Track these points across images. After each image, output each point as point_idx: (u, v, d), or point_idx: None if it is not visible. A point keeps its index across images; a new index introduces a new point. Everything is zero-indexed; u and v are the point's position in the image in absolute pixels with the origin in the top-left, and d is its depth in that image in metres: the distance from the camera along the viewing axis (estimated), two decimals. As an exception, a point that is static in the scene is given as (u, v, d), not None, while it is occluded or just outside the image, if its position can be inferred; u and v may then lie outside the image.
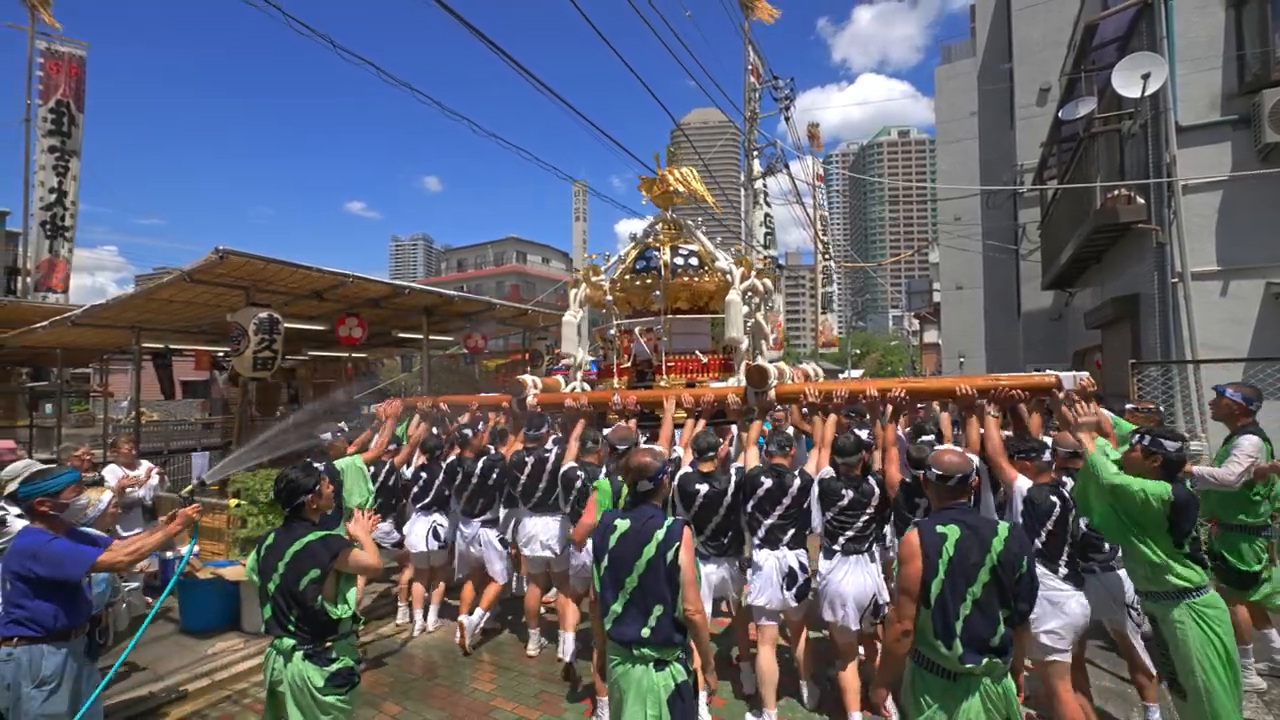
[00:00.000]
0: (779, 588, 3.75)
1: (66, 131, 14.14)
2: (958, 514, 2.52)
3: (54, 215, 13.96)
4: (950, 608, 2.38)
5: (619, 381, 5.41)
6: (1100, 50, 8.79)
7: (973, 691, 2.36)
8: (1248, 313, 6.92)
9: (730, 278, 5.19)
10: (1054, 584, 3.13)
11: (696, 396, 4.51)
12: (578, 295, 5.67)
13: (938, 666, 2.44)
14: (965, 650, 2.34)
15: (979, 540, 2.43)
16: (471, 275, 52.32)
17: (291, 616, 2.73)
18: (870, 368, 50.47)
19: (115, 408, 18.95)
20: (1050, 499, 3.21)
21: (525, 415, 5.02)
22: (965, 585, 2.38)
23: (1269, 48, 6.68)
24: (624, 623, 2.64)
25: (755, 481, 3.88)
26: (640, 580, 2.63)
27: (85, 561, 2.70)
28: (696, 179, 5.62)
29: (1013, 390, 3.70)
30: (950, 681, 2.40)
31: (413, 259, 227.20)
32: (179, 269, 6.14)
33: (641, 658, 2.60)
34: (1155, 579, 3.02)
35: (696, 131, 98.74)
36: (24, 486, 2.78)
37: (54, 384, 12.61)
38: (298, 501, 2.84)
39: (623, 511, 2.86)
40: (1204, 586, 2.98)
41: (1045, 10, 14.47)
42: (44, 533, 2.75)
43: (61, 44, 14.28)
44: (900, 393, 3.99)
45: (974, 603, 2.36)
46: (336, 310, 8.17)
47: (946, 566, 2.40)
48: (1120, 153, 8.30)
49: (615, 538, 2.72)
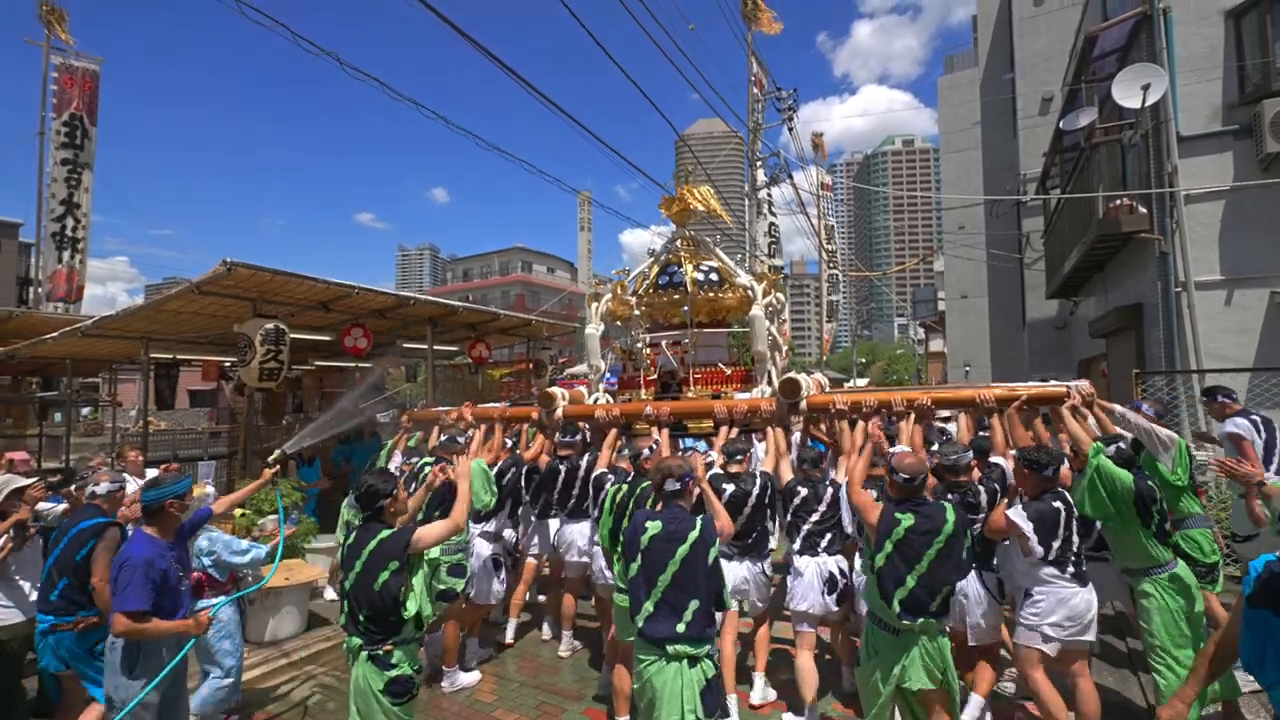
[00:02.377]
0: (820, 593, 3.86)
1: (79, 144, 14.37)
2: (913, 505, 3.03)
3: (65, 226, 14.16)
4: (891, 579, 2.94)
5: (646, 393, 5.65)
6: (1101, 61, 8.83)
7: (911, 645, 2.92)
8: (1252, 322, 6.90)
9: (752, 293, 5.43)
10: (1062, 583, 3.33)
11: (729, 407, 4.69)
12: (598, 309, 5.82)
13: (883, 623, 3.02)
14: (902, 611, 2.90)
15: (930, 524, 2.95)
16: (477, 285, 52.60)
17: (361, 615, 2.86)
18: (876, 376, 50.32)
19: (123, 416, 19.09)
20: (1053, 505, 3.34)
21: (554, 427, 5.16)
22: (910, 563, 2.92)
23: (1269, 58, 6.71)
24: (657, 620, 2.76)
25: (792, 491, 4.08)
26: (674, 578, 2.76)
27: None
28: (714, 197, 5.86)
29: (1025, 398, 3.99)
30: (893, 635, 2.98)
31: (419, 269, 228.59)
32: (188, 279, 6.23)
33: (676, 655, 2.72)
34: (1131, 555, 3.53)
35: (700, 142, 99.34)
36: (152, 490, 3.04)
37: (64, 393, 12.74)
38: (377, 505, 3.02)
39: (653, 513, 2.99)
40: (1169, 563, 3.45)
41: (1046, 21, 14.55)
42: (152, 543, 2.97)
43: (76, 59, 14.56)
44: (927, 401, 4.22)
45: (919, 576, 2.90)
46: (342, 321, 8.24)
47: (893, 545, 2.96)
48: (1122, 162, 8.33)
49: (647, 538, 2.85)
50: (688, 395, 5.44)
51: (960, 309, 22.52)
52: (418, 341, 10.26)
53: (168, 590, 2.94)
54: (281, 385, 8.12)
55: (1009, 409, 4.02)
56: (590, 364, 6.05)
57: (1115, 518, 3.47)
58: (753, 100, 17.19)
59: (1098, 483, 3.46)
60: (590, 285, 6.52)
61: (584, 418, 5.23)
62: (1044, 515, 3.29)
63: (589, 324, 5.94)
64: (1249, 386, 6.74)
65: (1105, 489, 3.44)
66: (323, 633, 5.29)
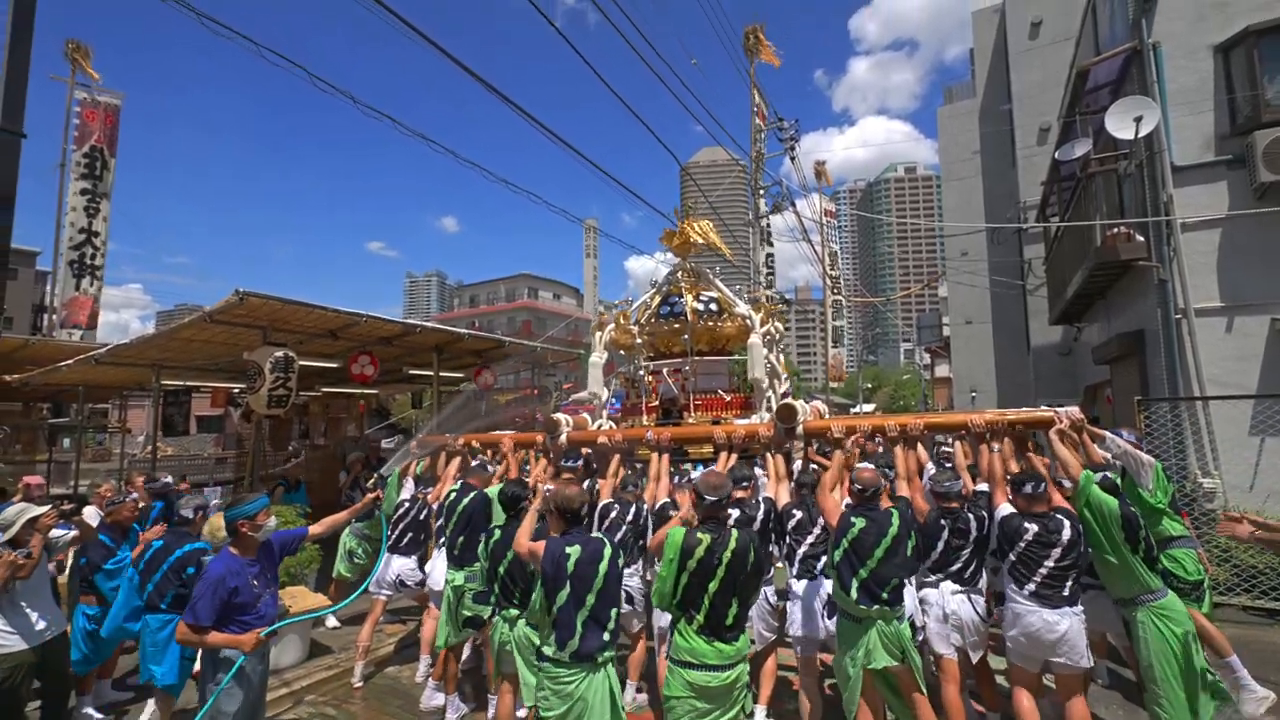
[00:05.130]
0: (820, 616, 3.88)
1: (99, 175, 14.77)
2: (866, 510, 3.47)
3: (82, 255, 14.48)
4: (847, 572, 3.36)
5: (648, 419, 5.76)
6: (1094, 94, 9.02)
7: (870, 629, 3.32)
8: (1253, 349, 6.91)
9: (750, 322, 5.58)
10: (1018, 599, 3.50)
11: (729, 432, 4.75)
12: (602, 338, 5.94)
13: (848, 614, 3.41)
14: (859, 598, 3.31)
15: (878, 527, 3.37)
16: (484, 311, 53.04)
17: (517, 591, 3.54)
18: (882, 402, 50.08)
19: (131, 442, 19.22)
20: (1023, 525, 3.55)
21: (559, 453, 5.21)
22: (861, 559, 3.34)
23: (1258, 91, 6.85)
24: (588, 638, 2.98)
25: (788, 514, 4.18)
26: (599, 595, 3.01)
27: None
28: (714, 231, 6.02)
29: (1013, 423, 4.06)
30: (856, 623, 3.37)
31: (427, 295, 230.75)
32: (200, 306, 6.37)
33: (603, 662, 3.00)
34: (1122, 584, 3.56)
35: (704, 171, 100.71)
36: (228, 511, 3.29)
37: (74, 420, 12.89)
38: (520, 506, 3.77)
39: (564, 539, 3.16)
40: (1159, 591, 3.48)
41: (1041, 55, 14.87)
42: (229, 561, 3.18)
43: (99, 93, 15.06)
44: (920, 426, 4.28)
45: (870, 570, 3.32)
46: (350, 348, 8.36)
47: (847, 545, 3.38)
48: (1118, 192, 8.44)
49: (571, 563, 3.05)
50: (689, 421, 5.52)
51: (965, 334, 22.53)
52: (424, 368, 10.37)
53: (239, 604, 3.14)
54: (288, 412, 8.21)
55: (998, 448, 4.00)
56: (592, 391, 6.15)
57: (1105, 546, 3.53)
58: (755, 130, 17.53)
59: (1088, 511, 3.55)
60: (596, 313, 6.67)
61: (587, 443, 5.28)
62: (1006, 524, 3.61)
63: (593, 352, 6.07)
64: (1252, 414, 6.72)
65: (1095, 517, 3.53)
66: (323, 661, 5.26)
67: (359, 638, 5.17)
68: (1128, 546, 3.48)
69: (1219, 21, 7.26)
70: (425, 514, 5.47)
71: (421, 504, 5.46)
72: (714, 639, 2.94)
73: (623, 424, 5.98)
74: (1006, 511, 3.68)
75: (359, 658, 5.08)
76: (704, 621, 2.95)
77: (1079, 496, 3.63)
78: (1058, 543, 3.44)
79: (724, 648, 2.94)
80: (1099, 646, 4.31)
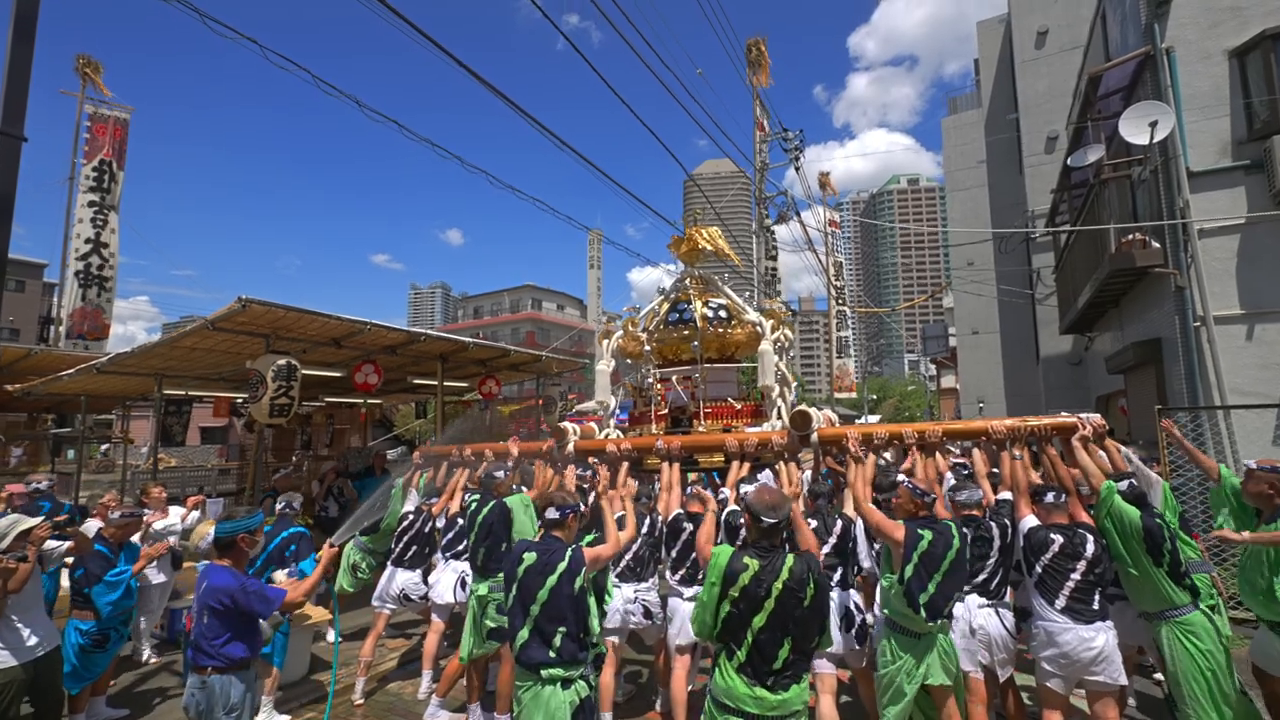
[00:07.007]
0: (836, 629, 3.69)
1: (107, 188, 14.86)
2: (929, 523, 3.30)
3: (90, 265, 14.52)
4: (917, 586, 3.14)
5: (657, 427, 5.66)
6: (1106, 100, 8.94)
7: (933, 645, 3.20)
8: (1276, 357, 6.75)
9: (761, 329, 5.50)
10: (1050, 615, 3.34)
11: (741, 440, 4.63)
12: (609, 346, 5.87)
13: (906, 629, 3.25)
14: (927, 615, 3.13)
15: (944, 540, 3.20)
16: (488, 322, 53.12)
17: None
18: (888, 413, 49.75)
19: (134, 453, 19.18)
20: (1050, 537, 3.42)
21: (566, 462, 5.09)
22: (930, 573, 3.14)
23: (1275, 95, 6.75)
24: (530, 647, 2.88)
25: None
26: (543, 608, 2.88)
27: (275, 599, 3.03)
28: (721, 238, 5.94)
29: (1036, 428, 3.91)
30: (915, 639, 3.22)
31: (431, 306, 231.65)
32: (204, 317, 6.29)
33: (549, 678, 2.83)
34: (1146, 598, 3.45)
35: (709, 182, 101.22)
36: (225, 524, 3.13)
37: (78, 430, 12.84)
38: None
39: (532, 543, 3.10)
40: (1184, 606, 3.35)
41: (1048, 64, 14.84)
42: (235, 573, 3.05)
43: (109, 108, 15.19)
44: (938, 433, 4.17)
45: (937, 584, 3.13)
46: (353, 357, 8.28)
47: (917, 559, 3.16)
48: (1132, 198, 8.33)
49: (522, 569, 2.96)
50: (698, 430, 5.40)
51: (972, 345, 22.35)
52: (428, 378, 10.28)
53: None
54: (291, 421, 8.12)
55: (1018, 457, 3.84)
56: (599, 400, 6.04)
57: (1126, 559, 3.43)
58: (759, 142, 17.55)
59: (1109, 523, 3.46)
60: (600, 322, 6.62)
61: (596, 452, 5.16)
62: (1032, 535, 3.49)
63: (600, 360, 5.97)
64: (1276, 424, 6.55)
65: (1116, 528, 3.44)
66: (325, 677, 5.12)
67: (361, 652, 5.03)
68: (1149, 559, 3.36)
69: (1234, 26, 7.19)
70: (430, 527, 5.33)
71: (426, 516, 5.33)
72: (756, 683, 2.52)
73: (631, 432, 5.88)
74: (1033, 523, 3.56)
75: (361, 673, 4.94)
76: (744, 660, 2.55)
77: (1100, 507, 3.52)
78: (1082, 555, 3.35)
79: (766, 695, 2.50)
80: (1127, 664, 4.13)
